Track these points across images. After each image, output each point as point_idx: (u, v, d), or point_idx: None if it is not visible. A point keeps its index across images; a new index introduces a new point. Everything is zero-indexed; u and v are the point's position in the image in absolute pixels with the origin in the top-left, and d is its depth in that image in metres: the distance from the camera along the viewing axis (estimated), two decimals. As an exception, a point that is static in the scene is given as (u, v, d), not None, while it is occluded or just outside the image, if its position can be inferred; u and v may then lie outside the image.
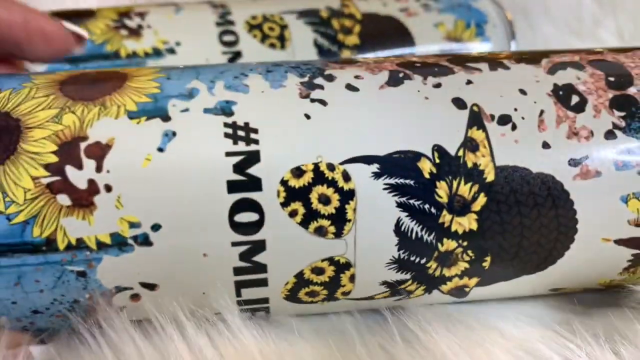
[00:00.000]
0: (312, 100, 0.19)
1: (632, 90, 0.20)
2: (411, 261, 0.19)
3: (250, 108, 0.19)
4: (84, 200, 0.17)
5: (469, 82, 0.20)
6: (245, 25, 0.29)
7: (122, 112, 0.18)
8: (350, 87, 0.19)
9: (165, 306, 0.19)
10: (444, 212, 0.19)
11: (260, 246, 0.18)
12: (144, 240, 0.18)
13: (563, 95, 0.20)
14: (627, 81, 0.20)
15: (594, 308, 0.22)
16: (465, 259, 0.19)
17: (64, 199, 0.17)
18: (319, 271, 0.19)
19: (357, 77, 0.20)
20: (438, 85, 0.20)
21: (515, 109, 0.19)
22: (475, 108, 0.19)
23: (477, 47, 0.30)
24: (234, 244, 0.18)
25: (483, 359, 0.19)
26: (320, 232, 0.18)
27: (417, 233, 0.19)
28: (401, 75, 0.20)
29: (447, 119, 0.19)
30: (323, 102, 0.19)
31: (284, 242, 0.18)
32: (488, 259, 0.19)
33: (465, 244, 0.19)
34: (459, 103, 0.19)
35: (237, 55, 0.28)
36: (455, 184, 0.19)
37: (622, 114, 0.20)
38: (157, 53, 0.28)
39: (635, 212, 0.19)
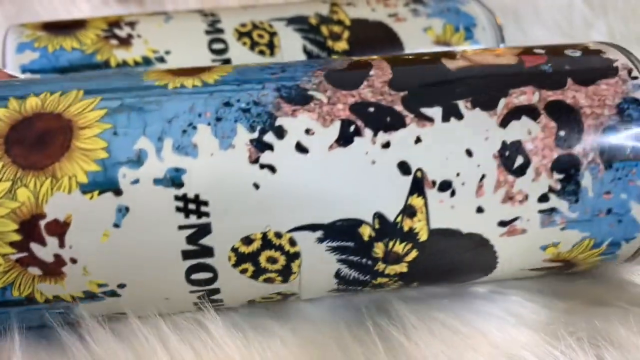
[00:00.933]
0: (262, 167, 0.19)
1: (577, 149, 0.20)
2: (349, 289, 0.22)
3: (200, 177, 0.19)
4: (53, 271, 0.19)
5: (418, 140, 0.20)
6: (235, 33, 0.29)
7: (74, 185, 0.19)
8: (299, 148, 0.19)
9: (148, 318, 0.21)
10: (379, 263, 0.21)
11: (215, 291, 0.21)
12: (112, 294, 0.20)
13: (508, 156, 0.20)
14: (577, 137, 0.20)
15: (579, 307, 0.23)
16: (396, 285, 0.22)
17: (35, 270, 0.19)
18: (268, 298, 0.22)
19: (307, 131, 0.20)
20: (387, 145, 0.20)
21: (458, 174, 0.20)
22: (419, 174, 0.20)
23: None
24: (192, 292, 0.21)
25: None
26: (269, 281, 0.21)
27: (354, 277, 0.21)
28: (352, 129, 0.20)
29: (391, 186, 0.20)
30: (272, 169, 0.19)
31: (236, 289, 0.21)
32: (416, 284, 0.22)
33: (396, 279, 0.22)
34: (404, 168, 0.20)
35: (226, 63, 0.29)
36: (391, 244, 0.20)
37: (561, 176, 0.20)
38: (147, 62, 0.28)
39: (551, 254, 0.22)
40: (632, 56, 0.22)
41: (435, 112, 0.20)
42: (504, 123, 0.20)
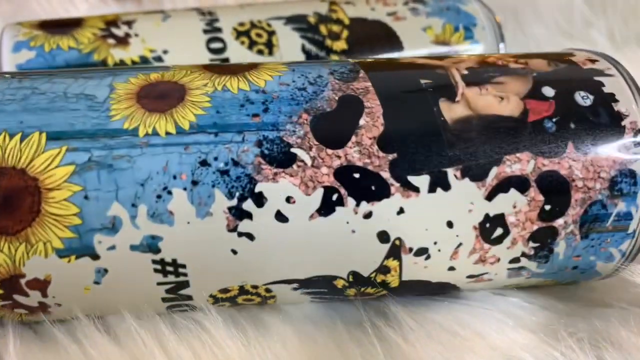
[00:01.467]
0: (240, 235, 0.19)
1: (559, 222, 0.20)
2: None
3: (176, 244, 0.19)
4: (39, 311, 0.20)
5: (400, 211, 0.19)
6: (233, 32, 0.29)
7: (50, 250, 0.19)
8: (280, 217, 0.19)
9: (145, 317, 0.21)
10: (351, 296, 0.22)
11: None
12: (99, 316, 0.21)
13: (488, 228, 0.20)
14: (561, 210, 0.20)
15: (579, 307, 0.23)
16: (365, 298, 0.24)
17: (21, 311, 0.20)
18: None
19: (288, 199, 0.19)
20: (368, 215, 0.19)
21: (435, 242, 0.20)
22: (397, 242, 0.20)
23: (466, 49, 0.30)
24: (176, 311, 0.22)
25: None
26: (247, 305, 0.22)
27: (327, 300, 0.23)
28: (335, 197, 0.19)
29: (368, 251, 0.20)
30: (250, 237, 0.19)
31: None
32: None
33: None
34: (382, 237, 0.20)
35: (224, 62, 0.28)
36: (363, 289, 0.21)
37: (536, 245, 0.20)
38: (144, 62, 0.28)
39: (514, 286, 0.23)
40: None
41: (423, 181, 0.19)
42: (490, 196, 0.20)
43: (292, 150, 0.19)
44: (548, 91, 0.21)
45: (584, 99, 0.20)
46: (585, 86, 0.21)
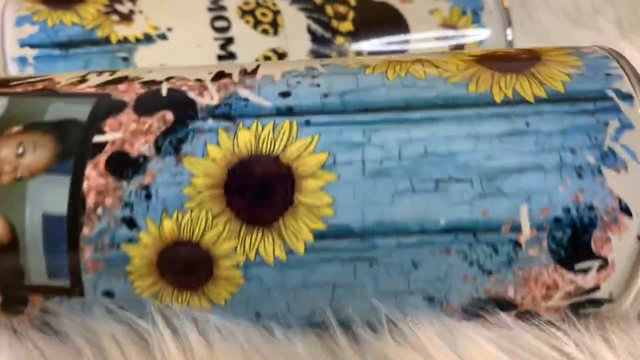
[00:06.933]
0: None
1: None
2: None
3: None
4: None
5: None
6: (238, 11, 0.29)
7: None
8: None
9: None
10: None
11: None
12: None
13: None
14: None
15: None
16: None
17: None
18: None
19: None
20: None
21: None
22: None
23: (473, 34, 0.30)
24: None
25: (467, 351, 0.18)
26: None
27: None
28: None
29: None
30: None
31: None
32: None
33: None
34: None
35: (229, 41, 0.28)
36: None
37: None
38: (148, 39, 0.28)
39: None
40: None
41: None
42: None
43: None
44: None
45: None
46: None
